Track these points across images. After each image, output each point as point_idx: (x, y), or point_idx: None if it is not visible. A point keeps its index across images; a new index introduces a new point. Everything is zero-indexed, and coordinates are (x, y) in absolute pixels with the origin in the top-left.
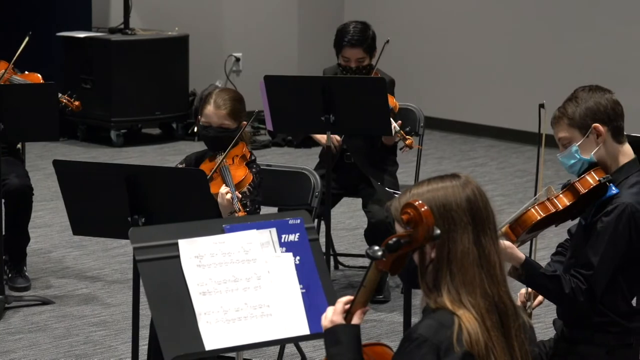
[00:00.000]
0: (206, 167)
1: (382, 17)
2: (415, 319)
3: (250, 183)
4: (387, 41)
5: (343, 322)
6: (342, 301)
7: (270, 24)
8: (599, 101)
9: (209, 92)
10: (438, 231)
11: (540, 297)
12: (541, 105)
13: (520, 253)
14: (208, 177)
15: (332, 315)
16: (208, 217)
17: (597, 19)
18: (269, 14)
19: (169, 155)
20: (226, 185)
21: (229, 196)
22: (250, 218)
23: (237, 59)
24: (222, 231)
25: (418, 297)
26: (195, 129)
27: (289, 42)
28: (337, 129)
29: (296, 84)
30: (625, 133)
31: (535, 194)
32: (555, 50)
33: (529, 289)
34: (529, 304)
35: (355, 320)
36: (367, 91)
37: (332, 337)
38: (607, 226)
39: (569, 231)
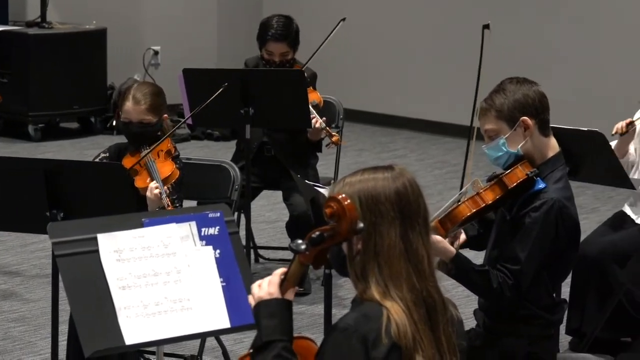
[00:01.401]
0: (129, 160)
1: (300, 9)
2: (336, 311)
3: (176, 178)
4: (344, 19)
5: (280, 295)
6: (278, 273)
7: (189, 16)
8: (527, 94)
9: (127, 87)
10: (362, 225)
11: (464, 236)
12: (485, 26)
13: (451, 247)
14: (131, 170)
15: (268, 287)
16: (128, 211)
17: (519, 10)
18: (187, 6)
19: (88, 150)
20: (152, 180)
21: (157, 191)
22: (169, 212)
23: (156, 52)
24: (142, 225)
25: (339, 289)
26: (114, 123)
27: (207, 35)
28: (257, 122)
29: (215, 77)
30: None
31: (461, 186)
32: (475, 42)
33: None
34: (456, 243)
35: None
36: (286, 84)
37: (267, 309)
38: (535, 222)
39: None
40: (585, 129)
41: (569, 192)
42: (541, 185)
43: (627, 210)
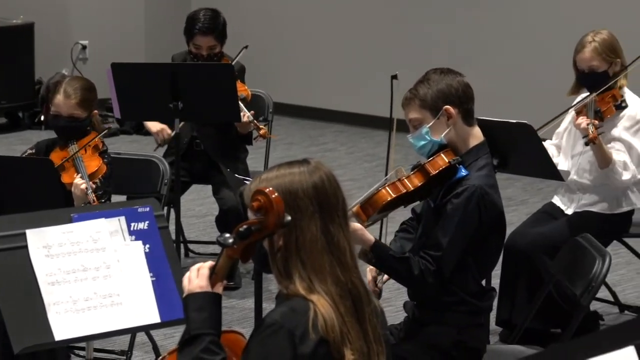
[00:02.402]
0: (57, 155)
1: (229, 3)
2: (266, 305)
3: (104, 173)
4: (246, 47)
5: (210, 289)
6: (207, 266)
7: (117, 11)
8: (451, 83)
9: (57, 81)
10: (289, 218)
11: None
12: (394, 77)
13: (370, 236)
14: (58, 165)
15: (198, 280)
16: (57, 206)
17: (447, 3)
18: (115, 0)
19: (16, 145)
20: (79, 176)
21: (83, 187)
22: (98, 207)
23: (84, 47)
24: (71, 220)
25: (269, 283)
26: (42, 118)
27: (135, 30)
28: (186, 116)
29: (143, 71)
30: (475, 116)
31: (385, 175)
32: (404, 35)
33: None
34: (379, 278)
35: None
36: (215, 78)
37: (196, 302)
38: (457, 208)
39: (413, 210)
40: (514, 121)
41: (492, 180)
42: (463, 172)
43: (557, 201)
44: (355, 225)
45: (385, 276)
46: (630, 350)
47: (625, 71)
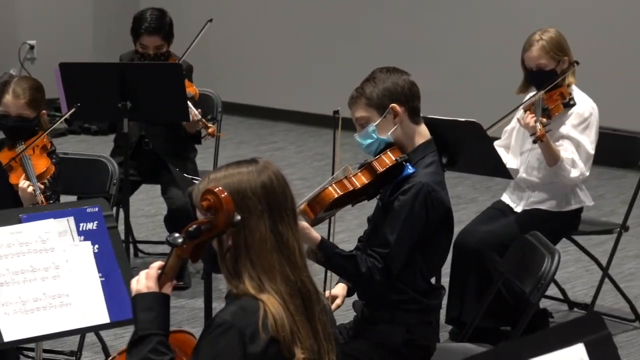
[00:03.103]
0: (5, 155)
1: (177, 3)
2: (216, 305)
3: (52, 174)
4: (210, 20)
5: (158, 289)
6: (156, 266)
7: (64, 10)
8: (397, 82)
9: (6, 81)
10: (239, 217)
11: (339, 301)
12: (335, 112)
13: (316, 234)
14: (6, 165)
15: (147, 281)
16: (5, 207)
17: (394, 1)
18: (62, 0)
19: None
20: (27, 177)
21: (30, 189)
22: (47, 207)
23: (31, 47)
24: (19, 221)
25: (219, 282)
26: None
27: (83, 29)
28: (135, 115)
29: (92, 70)
30: (421, 115)
31: (332, 173)
32: (352, 34)
33: (327, 293)
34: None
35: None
36: (163, 77)
37: (144, 303)
38: (404, 205)
39: (368, 220)
40: (463, 119)
41: (440, 177)
42: (410, 170)
43: (506, 199)
44: (302, 223)
45: (334, 305)
46: (580, 347)
47: (573, 69)
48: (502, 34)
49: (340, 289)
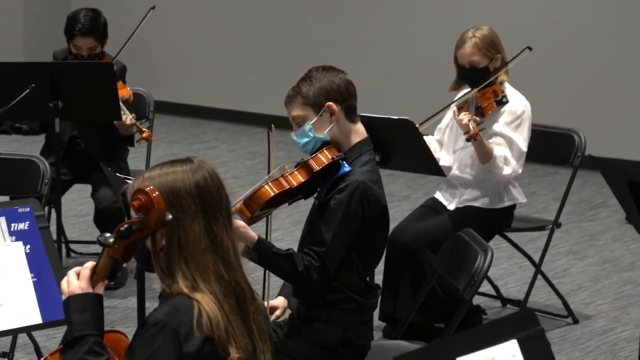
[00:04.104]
0: None
1: (109, 2)
2: (149, 304)
3: None
4: (153, 7)
5: (91, 290)
6: (88, 267)
7: None
8: (333, 80)
9: None
10: (170, 216)
11: (278, 312)
12: (270, 129)
13: (253, 233)
14: None
15: (79, 281)
16: None
17: (331, 2)
18: None
19: None
20: None
21: None
22: None
23: None
24: None
25: (152, 282)
26: None
27: (14, 28)
28: (66, 115)
29: (22, 70)
30: (357, 113)
31: (268, 172)
32: (285, 32)
33: (266, 303)
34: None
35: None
36: (96, 77)
37: (77, 304)
38: (340, 203)
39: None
40: (396, 117)
41: (376, 175)
42: (347, 168)
43: (439, 196)
44: (239, 222)
45: (273, 316)
46: (513, 343)
47: (506, 67)
48: (435, 31)
49: (280, 300)
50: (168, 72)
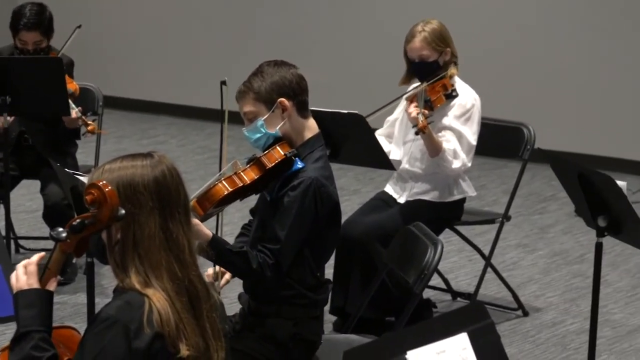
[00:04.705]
0: None
1: None
2: (99, 300)
3: None
4: (79, 26)
5: (39, 285)
6: (34, 262)
7: None
8: (285, 76)
9: None
10: (123, 211)
11: (227, 276)
12: (223, 82)
13: (207, 230)
14: None
15: (27, 277)
16: None
17: None
18: None
19: None
20: None
21: None
22: None
23: None
24: None
25: (102, 277)
26: None
27: None
28: (14, 110)
29: None
30: (309, 108)
31: (220, 169)
32: (235, 26)
33: (217, 268)
34: (217, 283)
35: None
36: (43, 71)
37: (26, 299)
38: (294, 200)
39: (251, 211)
40: (345, 111)
41: (328, 171)
42: (299, 165)
43: (389, 190)
44: (193, 219)
45: (223, 280)
46: (463, 336)
47: (455, 60)
48: (385, 25)
49: None
50: (117, 67)
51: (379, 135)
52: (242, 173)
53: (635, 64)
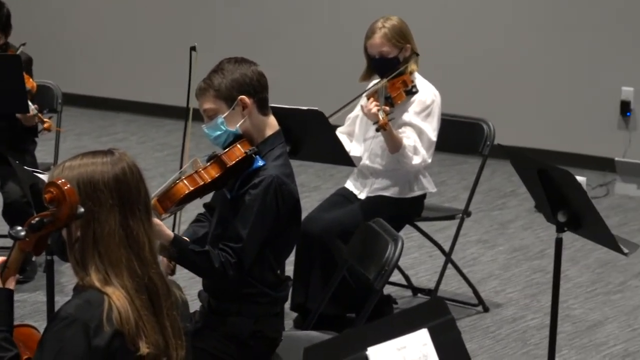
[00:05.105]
0: None
1: None
2: (58, 298)
3: None
4: (24, 44)
5: (1, 284)
6: None
7: None
8: (245, 73)
9: None
10: (82, 210)
11: None
12: (192, 48)
13: (169, 231)
14: None
15: None
16: None
17: None
18: None
19: None
20: None
21: None
22: None
23: None
24: None
25: (61, 275)
26: None
27: None
28: None
29: None
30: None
31: (180, 167)
32: (191, 24)
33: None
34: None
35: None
36: (1, 69)
37: None
38: (255, 199)
39: (205, 206)
40: (305, 107)
41: (289, 169)
42: (260, 163)
43: (350, 186)
44: (154, 220)
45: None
46: (424, 332)
47: (415, 56)
48: (346, 21)
49: None
50: (76, 65)
51: (340, 133)
52: (202, 171)
53: (594, 60)
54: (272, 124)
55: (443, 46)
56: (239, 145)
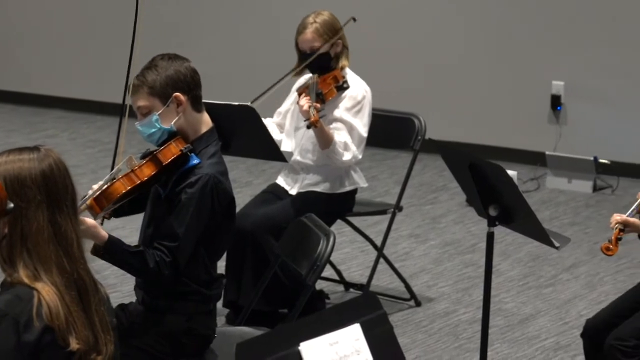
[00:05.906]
0: None
1: None
2: None
3: None
4: None
5: None
6: None
7: None
8: (179, 69)
9: None
10: (12, 205)
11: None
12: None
13: (104, 232)
14: None
15: None
16: None
17: None
18: None
19: None
20: None
21: None
22: None
23: None
24: None
25: None
26: None
27: None
28: None
29: None
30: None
31: (113, 165)
32: (120, 18)
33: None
34: None
35: None
36: None
37: None
38: (192, 197)
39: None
40: (237, 103)
41: (223, 167)
42: (195, 161)
43: (281, 182)
44: (90, 221)
45: None
46: (356, 327)
47: (346, 52)
48: (277, 16)
49: None
50: (5, 61)
51: (270, 122)
52: (138, 170)
53: (525, 54)
54: (205, 121)
55: (373, 41)
56: (173, 143)
